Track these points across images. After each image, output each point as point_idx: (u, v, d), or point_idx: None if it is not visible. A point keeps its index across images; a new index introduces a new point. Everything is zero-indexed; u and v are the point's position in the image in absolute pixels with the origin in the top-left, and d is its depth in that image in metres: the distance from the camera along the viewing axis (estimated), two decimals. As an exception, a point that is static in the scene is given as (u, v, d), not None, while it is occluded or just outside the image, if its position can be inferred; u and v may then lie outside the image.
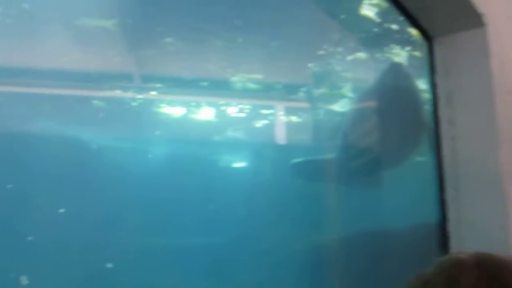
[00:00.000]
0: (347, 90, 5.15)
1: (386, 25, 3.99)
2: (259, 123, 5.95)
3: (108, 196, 4.47)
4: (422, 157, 3.34)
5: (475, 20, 2.16)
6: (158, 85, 5.21)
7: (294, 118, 5.97)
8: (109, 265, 4.25)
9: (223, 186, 5.16)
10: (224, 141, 5.79)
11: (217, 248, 4.73)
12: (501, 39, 2.42)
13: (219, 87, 5.50)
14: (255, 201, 5.28)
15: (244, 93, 5.52)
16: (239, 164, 5.76)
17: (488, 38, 2.20)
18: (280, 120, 5.85)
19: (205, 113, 5.71)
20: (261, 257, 4.66)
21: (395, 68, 3.67)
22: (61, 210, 4.14)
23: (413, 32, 2.41)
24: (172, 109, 5.51)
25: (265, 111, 5.91)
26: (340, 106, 5.07)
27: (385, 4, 3.56)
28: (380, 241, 3.61)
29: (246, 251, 4.74)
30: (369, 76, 4.26)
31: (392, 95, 3.65)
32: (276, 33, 4.98)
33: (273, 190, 5.36)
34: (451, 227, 2.22)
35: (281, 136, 5.76)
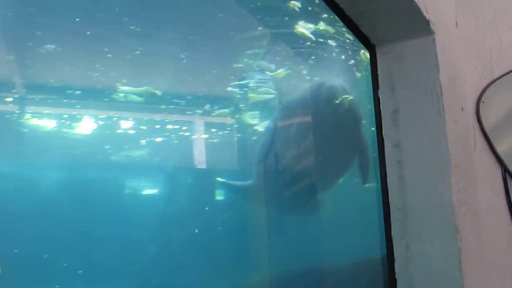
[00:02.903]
0: (271, 107, 5.26)
1: (323, 41, 4.19)
2: (169, 141, 5.86)
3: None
4: (368, 184, 3.48)
5: (421, 27, 2.26)
6: (30, 95, 5.03)
7: (213, 136, 5.95)
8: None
9: (124, 219, 4.98)
10: (124, 162, 5.61)
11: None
12: (451, 48, 2.55)
13: (111, 99, 5.37)
14: (168, 236, 5.15)
15: (147, 107, 5.43)
16: (147, 191, 5.59)
17: (436, 47, 2.30)
18: (198, 138, 5.80)
19: (90, 128, 5.51)
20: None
21: (330, 88, 3.86)
22: None
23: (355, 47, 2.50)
24: (45, 122, 5.27)
25: (170, 127, 5.83)
26: (263, 125, 5.18)
27: (326, 27, 3.73)
28: (317, 282, 3.66)
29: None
30: (297, 94, 4.41)
31: (326, 114, 3.83)
32: (189, 44, 5.01)
33: (191, 221, 5.26)
34: (399, 266, 2.28)
35: (199, 156, 5.70)
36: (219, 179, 4.97)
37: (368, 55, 2.45)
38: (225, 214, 4.91)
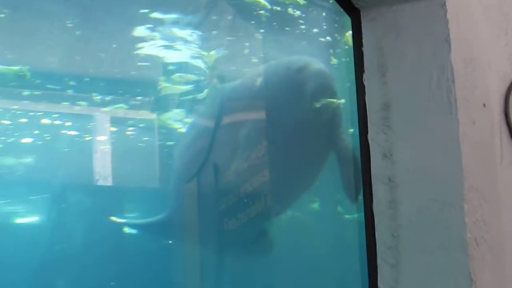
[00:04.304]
0: (201, 97, 5.27)
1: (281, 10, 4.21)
2: (44, 144, 5.79)
3: None
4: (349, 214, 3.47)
5: (426, -16, 2.24)
6: None
7: (112, 138, 5.90)
8: None
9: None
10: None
11: None
12: (469, 17, 2.52)
13: None
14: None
15: (7, 92, 5.39)
16: (19, 219, 5.46)
17: (447, 15, 2.26)
18: (91, 141, 5.74)
19: None
20: None
21: (319, 74, 3.90)
22: None
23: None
24: None
25: (46, 122, 5.76)
26: (188, 124, 5.18)
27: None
28: None
29: None
30: (251, 79, 4.43)
31: (304, 111, 3.85)
32: (81, 8, 4.97)
33: (85, 265, 5.16)
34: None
35: (98, 167, 5.57)
36: (114, 219, 4.92)
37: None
38: (136, 256, 4.87)
